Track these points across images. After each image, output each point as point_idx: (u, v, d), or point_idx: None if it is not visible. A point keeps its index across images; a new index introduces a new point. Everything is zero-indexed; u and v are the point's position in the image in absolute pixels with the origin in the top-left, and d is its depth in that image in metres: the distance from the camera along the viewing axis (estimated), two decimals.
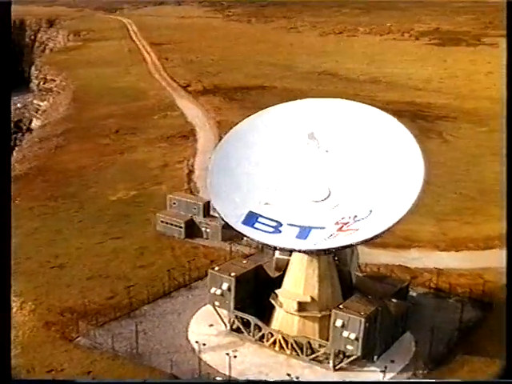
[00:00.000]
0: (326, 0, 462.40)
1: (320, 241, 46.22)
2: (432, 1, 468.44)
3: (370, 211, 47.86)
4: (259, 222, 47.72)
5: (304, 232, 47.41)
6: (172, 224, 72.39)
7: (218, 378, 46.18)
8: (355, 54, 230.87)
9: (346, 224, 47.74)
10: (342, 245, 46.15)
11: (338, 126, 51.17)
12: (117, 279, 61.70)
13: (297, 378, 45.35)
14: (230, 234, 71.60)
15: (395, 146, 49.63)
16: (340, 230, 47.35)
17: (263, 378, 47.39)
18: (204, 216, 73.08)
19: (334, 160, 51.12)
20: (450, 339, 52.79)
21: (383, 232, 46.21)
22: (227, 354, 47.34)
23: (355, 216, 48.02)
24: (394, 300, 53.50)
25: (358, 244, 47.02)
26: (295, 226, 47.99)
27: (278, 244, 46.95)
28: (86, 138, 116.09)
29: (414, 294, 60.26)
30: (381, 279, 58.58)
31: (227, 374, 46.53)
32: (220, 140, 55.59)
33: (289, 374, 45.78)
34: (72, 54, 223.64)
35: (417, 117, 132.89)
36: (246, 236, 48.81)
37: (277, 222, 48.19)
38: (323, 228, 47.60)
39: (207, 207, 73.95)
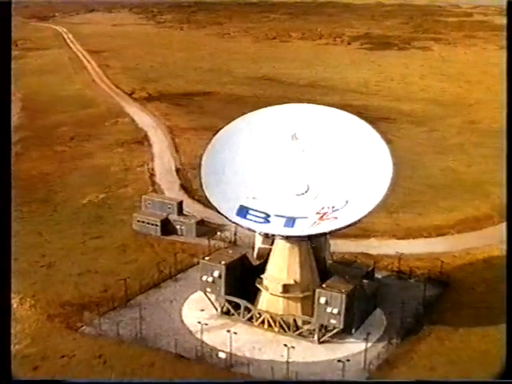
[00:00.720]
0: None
1: (306, 228, 53.19)
2: (359, 6, 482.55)
3: (347, 202, 55.09)
4: (250, 214, 54.31)
5: (290, 221, 54.28)
6: (148, 223, 78.12)
7: (221, 354, 52.43)
8: (291, 59, 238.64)
9: (325, 214, 54.85)
10: (325, 231, 53.31)
11: (315, 128, 58.36)
12: (106, 274, 67.20)
13: (293, 347, 52.12)
14: (203, 230, 78.75)
15: (366, 146, 57.16)
16: (321, 218, 54.43)
17: (257, 352, 54.05)
18: (178, 214, 79.27)
19: (311, 158, 58.16)
20: (417, 312, 60.64)
21: (360, 219, 53.51)
22: (228, 331, 53.78)
23: (333, 206, 55.17)
24: (364, 280, 60.97)
25: (339, 230, 53.97)
26: (281, 216, 54.80)
27: (272, 232, 53.65)
28: (43, 145, 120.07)
29: (380, 276, 67.79)
30: (349, 264, 65.86)
31: (227, 350, 52.78)
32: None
33: (285, 345, 52.46)
34: (13, 63, 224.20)
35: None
36: (242, 226, 55.31)
37: (265, 213, 54.86)
38: (306, 217, 54.60)
39: (180, 206, 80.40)
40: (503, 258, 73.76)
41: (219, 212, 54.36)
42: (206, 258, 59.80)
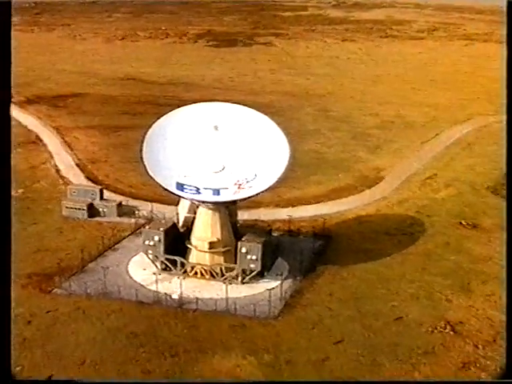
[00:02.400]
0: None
1: (230, 195, 70.25)
2: (195, 2, 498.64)
3: (256, 175, 72.64)
4: (186, 188, 70.51)
5: (216, 192, 71.08)
6: (76, 208, 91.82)
7: (174, 295, 68.45)
8: (145, 59, 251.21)
9: (241, 184, 72.13)
10: (245, 196, 70.67)
11: (229, 121, 75.43)
12: (55, 251, 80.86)
13: (230, 283, 69.18)
14: (122, 211, 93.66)
15: (267, 134, 74.87)
16: (239, 188, 71.70)
17: (198, 293, 70.23)
18: (100, 199, 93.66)
19: (225, 144, 75.08)
20: (310, 258, 79.25)
21: (269, 187, 71.26)
22: (178, 277, 70.00)
23: (246, 179, 72.54)
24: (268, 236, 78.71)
25: (255, 196, 71.40)
26: (209, 188, 71.41)
27: (208, 200, 70.13)
28: None
29: (276, 235, 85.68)
30: (251, 227, 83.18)
31: (179, 292, 68.99)
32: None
33: (224, 282, 69.50)
34: None
35: None
36: (183, 197, 71.41)
37: (196, 187, 71.19)
38: (227, 188, 71.60)
39: (102, 192, 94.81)
40: (369, 216, 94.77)
41: (164, 188, 70.29)
42: (147, 227, 75.50)
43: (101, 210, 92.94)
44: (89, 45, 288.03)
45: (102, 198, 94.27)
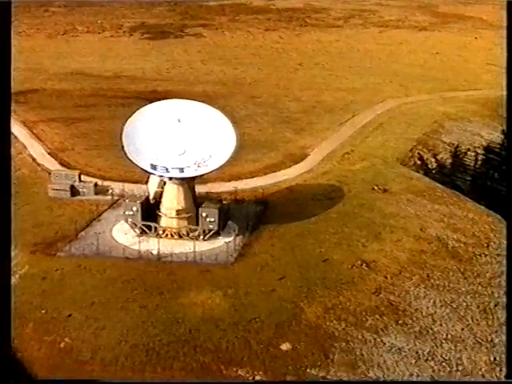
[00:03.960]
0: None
1: (193, 172, 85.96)
2: None
3: (210, 156, 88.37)
4: (158, 168, 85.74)
5: (181, 170, 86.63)
6: (60, 189, 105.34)
7: (154, 251, 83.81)
8: (88, 53, 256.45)
9: (199, 164, 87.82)
10: (204, 172, 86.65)
11: (189, 114, 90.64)
12: (50, 224, 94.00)
13: (197, 239, 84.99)
14: (98, 190, 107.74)
15: (219, 124, 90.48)
16: (198, 166, 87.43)
17: (170, 249, 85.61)
18: (79, 181, 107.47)
19: (186, 132, 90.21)
20: (253, 220, 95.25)
21: (221, 165, 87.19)
22: (156, 237, 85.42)
23: (203, 158, 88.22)
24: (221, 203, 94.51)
25: (212, 172, 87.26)
26: (175, 168, 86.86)
27: (175, 176, 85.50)
28: None
29: (225, 202, 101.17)
30: (205, 197, 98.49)
31: (156, 248, 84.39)
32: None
33: (192, 238, 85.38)
34: None
35: None
36: (156, 175, 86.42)
37: (165, 167, 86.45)
38: (189, 167, 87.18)
39: (80, 176, 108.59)
40: (298, 185, 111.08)
41: (142, 169, 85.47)
42: (127, 200, 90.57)
43: (80, 190, 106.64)
44: (34, 41, 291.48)
45: (80, 180, 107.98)
